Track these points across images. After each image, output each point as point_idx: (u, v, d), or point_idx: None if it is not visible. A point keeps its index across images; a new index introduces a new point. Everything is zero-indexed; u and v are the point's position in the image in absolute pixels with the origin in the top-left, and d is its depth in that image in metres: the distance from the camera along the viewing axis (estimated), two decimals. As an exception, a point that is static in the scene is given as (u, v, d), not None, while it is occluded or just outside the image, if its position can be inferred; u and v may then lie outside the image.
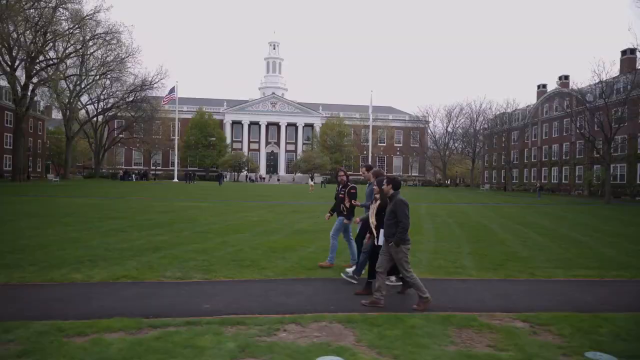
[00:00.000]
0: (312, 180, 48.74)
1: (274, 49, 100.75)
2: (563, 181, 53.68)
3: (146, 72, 74.95)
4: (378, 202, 6.40)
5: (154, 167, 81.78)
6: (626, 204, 35.40)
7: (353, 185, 8.09)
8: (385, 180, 6.66)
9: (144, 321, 5.00)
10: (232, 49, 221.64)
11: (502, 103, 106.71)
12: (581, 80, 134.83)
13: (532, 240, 12.52)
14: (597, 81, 35.98)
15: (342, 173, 8.26)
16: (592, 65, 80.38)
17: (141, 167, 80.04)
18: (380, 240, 6.13)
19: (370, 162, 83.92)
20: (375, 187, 6.57)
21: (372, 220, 6.42)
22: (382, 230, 6.14)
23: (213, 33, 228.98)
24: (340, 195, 8.13)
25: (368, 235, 6.82)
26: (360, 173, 7.90)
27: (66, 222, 13.70)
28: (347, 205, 7.93)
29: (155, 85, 55.46)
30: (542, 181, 56.79)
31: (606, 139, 35.55)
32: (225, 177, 61.45)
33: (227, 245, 10.30)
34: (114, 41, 45.03)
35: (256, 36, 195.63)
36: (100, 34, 43.95)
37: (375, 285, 5.97)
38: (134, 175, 66.68)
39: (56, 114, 74.62)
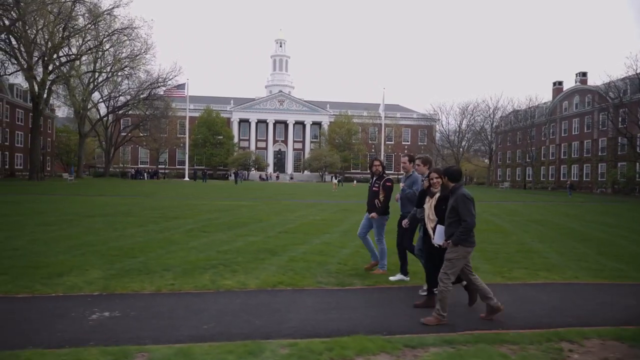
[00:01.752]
0: (336, 179, 48.19)
1: (281, 46, 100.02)
2: (584, 179, 53.17)
3: (159, 69, 73.44)
4: (436, 195, 5.43)
5: (162, 166, 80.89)
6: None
7: (389, 177, 7.20)
8: (419, 160, 6.32)
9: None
10: (238, 47, 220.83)
11: (522, 100, 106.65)
12: (599, 76, 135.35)
13: None
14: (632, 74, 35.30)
15: (377, 163, 7.30)
16: (627, 60, 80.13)
17: (147, 166, 79.22)
18: (439, 239, 5.22)
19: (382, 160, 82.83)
20: (435, 178, 5.43)
21: (430, 215, 5.43)
22: (439, 227, 5.26)
23: (218, 30, 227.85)
24: (374, 189, 7.19)
25: (405, 221, 6.26)
26: (402, 163, 6.90)
27: (134, 221, 13.01)
28: (382, 199, 7.04)
29: (169, 83, 54.57)
30: (563, 179, 56.30)
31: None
32: (244, 176, 60.60)
33: (334, 247, 9.63)
34: (133, 36, 44.13)
35: (262, 34, 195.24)
36: (120, 29, 43.01)
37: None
38: (145, 174, 65.81)
39: (61, 112, 73.57)
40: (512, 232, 12.90)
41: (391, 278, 6.83)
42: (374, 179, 7.29)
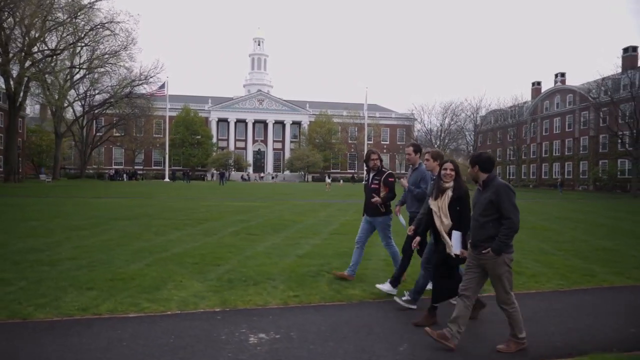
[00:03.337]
0: (329, 178, 47.65)
1: (259, 45, 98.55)
2: (566, 177, 54.36)
3: (140, 66, 70.45)
4: (449, 192, 4.53)
5: (138, 167, 78.32)
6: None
7: (390, 172, 6.13)
8: (429, 154, 5.37)
9: None
10: (215, 45, 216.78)
11: (503, 99, 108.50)
12: (579, 77, 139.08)
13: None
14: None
15: (375, 156, 6.16)
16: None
17: (123, 167, 76.53)
18: (457, 248, 4.40)
19: (361, 160, 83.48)
20: (449, 169, 4.57)
21: (444, 219, 4.53)
22: (455, 233, 4.42)
23: (194, 28, 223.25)
24: (373, 186, 6.10)
25: (417, 238, 5.02)
26: (406, 154, 5.92)
27: (167, 224, 12.05)
28: (385, 197, 6.05)
29: (151, 80, 52.57)
30: (544, 177, 57.48)
31: (632, 133, 35.85)
32: (227, 177, 59.15)
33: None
34: (117, 30, 42.12)
35: (240, 32, 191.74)
36: (102, 23, 40.94)
37: (454, 313, 4.02)
38: (125, 175, 63.46)
39: (30, 111, 70.13)
40: (563, 232, 12.60)
41: (379, 286, 5.66)
42: (372, 174, 6.18)
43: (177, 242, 9.32)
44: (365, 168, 6.43)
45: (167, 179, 64.51)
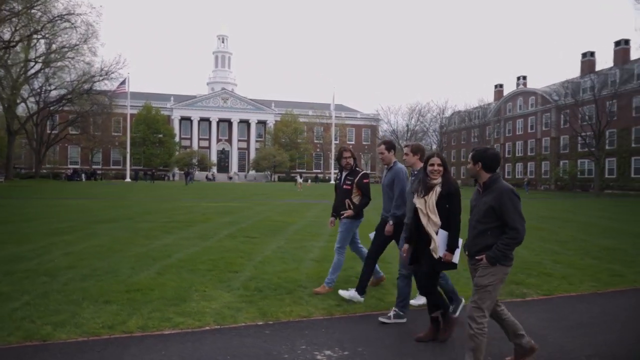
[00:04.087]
0: (300, 178, 47.11)
1: (223, 42, 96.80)
2: (528, 176, 56.17)
3: (101, 61, 66.73)
4: (437, 188, 3.98)
5: (96, 167, 75.11)
6: (613, 197, 37.39)
7: (365, 172, 5.54)
8: (408, 148, 4.72)
9: None
10: (178, 42, 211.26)
11: (469, 101, 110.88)
12: (539, 80, 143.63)
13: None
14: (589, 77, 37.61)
15: (347, 154, 5.54)
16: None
17: (79, 166, 73.15)
18: (441, 250, 3.92)
19: (330, 161, 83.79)
20: (437, 164, 4.01)
21: (432, 216, 3.95)
22: (442, 233, 3.91)
23: (157, 24, 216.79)
24: (345, 187, 5.53)
25: (406, 246, 4.32)
26: (379, 153, 5.22)
27: (155, 227, 11.32)
28: (358, 200, 5.50)
29: (112, 76, 50.29)
30: (507, 176, 59.16)
31: (595, 134, 37.29)
32: (192, 176, 57.47)
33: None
34: (79, 23, 39.92)
35: (204, 29, 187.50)
36: (62, 15, 38.68)
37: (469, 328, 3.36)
38: (83, 175, 60.63)
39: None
40: (556, 231, 12.73)
41: (342, 292, 5.29)
42: (345, 174, 5.61)
43: (176, 246, 8.69)
44: (337, 167, 5.81)
45: (128, 179, 62.19)
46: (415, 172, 4.66)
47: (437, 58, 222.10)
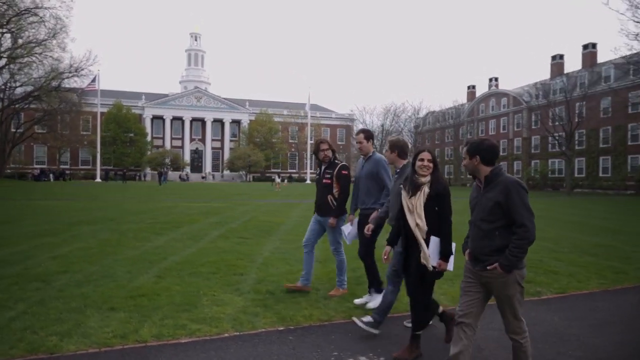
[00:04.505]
0: (279, 177, 46.67)
1: (196, 40, 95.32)
2: (501, 176, 57.42)
3: (70, 57, 64.23)
4: (425, 188, 3.59)
5: (64, 167, 72.70)
6: (583, 196, 38.48)
7: (344, 164, 5.27)
8: (389, 144, 4.47)
9: None
10: (150, 39, 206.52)
11: (443, 102, 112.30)
12: (510, 82, 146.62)
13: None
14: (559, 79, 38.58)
15: (325, 146, 5.25)
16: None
17: (45, 166, 70.62)
18: (434, 259, 3.54)
19: (305, 161, 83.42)
20: (427, 159, 3.64)
21: (419, 221, 3.56)
22: (434, 240, 3.54)
23: (128, 20, 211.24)
24: (325, 181, 5.23)
25: (388, 248, 3.94)
26: (357, 142, 5.10)
27: (144, 229, 10.88)
28: (337, 195, 5.18)
29: (82, 73, 48.56)
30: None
31: (566, 135, 38.30)
32: (166, 176, 56.13)
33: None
34: (47, 17, 38.28)
35: (176, 27, 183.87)
36: (30, 8, 37.07)
37: (453, 349, 3.06)
38: (51, 175, 58.52)
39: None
40: (543, 229, 12.88)
41: (357, 301, 5.07)
42: (323, 168, 5.31)
43: (169, 248, 8.33)
44: (316, 161, 5.55)
45: (98, 179, 60.36)
46: (399, 170, 4.43)
47: (412, 59, 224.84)
